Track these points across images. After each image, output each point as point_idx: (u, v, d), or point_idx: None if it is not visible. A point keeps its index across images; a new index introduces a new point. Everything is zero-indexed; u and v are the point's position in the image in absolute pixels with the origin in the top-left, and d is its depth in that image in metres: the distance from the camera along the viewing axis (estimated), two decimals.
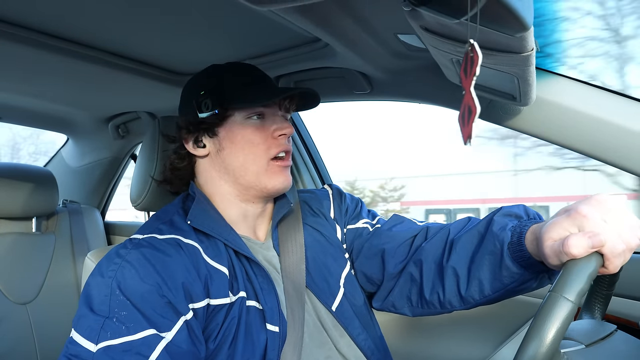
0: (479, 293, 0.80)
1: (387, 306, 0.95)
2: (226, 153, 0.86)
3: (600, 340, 0.64)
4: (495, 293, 0.78)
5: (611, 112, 0.87)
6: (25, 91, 1.48)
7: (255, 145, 0.85)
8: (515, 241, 0.73)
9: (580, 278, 0.54)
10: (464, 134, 0.48)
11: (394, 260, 0.91)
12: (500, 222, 0.78)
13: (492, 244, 0.77)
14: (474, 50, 0.46)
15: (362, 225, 1.00)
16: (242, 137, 0.85)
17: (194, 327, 0.71)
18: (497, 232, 0.76)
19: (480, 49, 0.46)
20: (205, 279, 0.75)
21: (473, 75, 0.46)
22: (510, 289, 0.77)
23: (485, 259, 0.78)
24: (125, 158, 2.11)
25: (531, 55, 0.61)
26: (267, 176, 0.85)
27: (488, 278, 0.78)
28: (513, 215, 0.79)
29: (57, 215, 1.80)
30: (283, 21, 0.90)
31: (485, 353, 1.31)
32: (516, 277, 0.75)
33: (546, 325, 0.51)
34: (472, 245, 0.81)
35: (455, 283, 0.82)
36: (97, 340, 0.65)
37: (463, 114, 0.48)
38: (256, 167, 0.85)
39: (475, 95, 0.46)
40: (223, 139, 0.86)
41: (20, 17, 0.98)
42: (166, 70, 1.33)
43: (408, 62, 1.06)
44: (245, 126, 0.85)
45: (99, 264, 0.74)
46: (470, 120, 0.46)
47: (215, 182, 0.88)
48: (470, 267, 0.80)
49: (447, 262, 0.83)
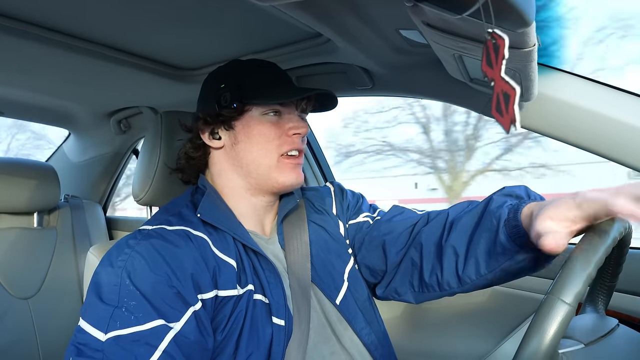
0: (475, 272, 0.80)
1: (390, 293, 0.95)
2: (241, 147, 0.87)
3: (600, 339, 0.64)
4: (491, 272, 0.78)
5: (613, 108, 0.87)
6: (27, 86, 1.48)
7: (269, 141, 0.86)
8: (511, 217, 0.73)
9: (578, 280, 0.53)
10: (504, 123, 0.47)
11: (395, 248, 0.92)
12: (498, 200, 0.78)
13: (489, 222, 0.77)
14: (495, 36, 0.46)
15: (362, 219, 1.01)
16: (257, 132, 0.86)
17: (202, 318, 0.71)
18: (494, 209, 0.77)
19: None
20: (214, 270, 0.76)
21: (501, 59, 0.45)
22: (505, 267, 0.77)
23: (482, 236, 0.78)
24: (127, 153, 2.11)
25: (533, 50, 0.61)
26: (278, 171, 0.86)
27: (484, 256, 0.78)
28: (514, 195, 0.79)
29: (59, 210, 1.81)
30: (285, 16, 0.90)
31: (487, 348, 1.32)
32: (510, 255, 0.74)
33: (543, 328, 0.51)
34: (470, 224, 0.82)
35: (454, 262, 0.82)
36: (107, 330, 0.65)
37: (498, 104, 0.47)
38: (267, 161, 0.86)
39: (508, 78, 0.45)
40: (239, 132, 0.87)
41: (22, 12, 0.98)
42: (168, 65, 1.33)
43: (410, 57, 1.06)
44: (262, 122, 0.86)
45: (108, 253, 0.74)
46: (509, 105, 0.45)
47: (227, 174, 0.89)
48: (468, 246, 0.81)
49: (446, 242, 0.84)
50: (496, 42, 0.46)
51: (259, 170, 0.86)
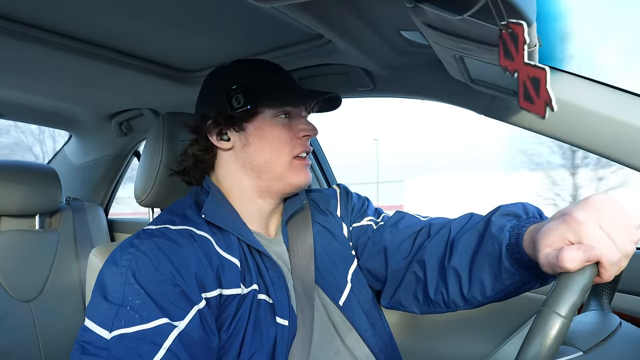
0: (480, 294, 0.80)
1: (395, 304, 0.95)
2: (252, 149, 0.87)
3: (601, 343, 0.63)
4: (497, 294, 0.78)
5: (615, 109, 0.86)
6: (27, 88, 1.48)
7: (282, 143, 0.86)
8: (513, 243, 0.72)
9: (573, 292, 0.52)
10: (538, 109, 0.46)
11: (397, 257, 0.91)
12: (498, 222, 0.77)
13: (491, 246, 0.76)
14: (511, 25, 0.45)
15: (366, 222, 1.01)
16: (270, 134, 0.86)
17: (206, 317, 0.71)
18: (495, 233, 0.76)
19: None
20: (217, 269, 0.76)
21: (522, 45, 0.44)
22: (512, 289, 0.76)
23: (485, 260, 0.77)
24: (128, 155, 2.11)
25: (534, 51, 0.61)
26: (291, 173, 0.87)
27: (489, 279, 0.77)
28: (512, 214, 0.78)
29: (61, 212, 1.81)
30: (286, 18, 0.90)
31: (489, 349, 1.31)
32: (516, 279, 0.74)
33: (537, 343, 0.50)
34: (471, 245, 0.81)
35: (457, 284, 0.82)
36: (111, 328, 0.65)
37: (526, 92, 0.46)
38: (281, 164, 0.87)
39: (533, 62, 0.44)
40: (250, 134, 0.87)
41: (22, 14, 0.98)
42: (169, 67, 1.34)
43: (411, 58, 1.06)
44: (274, 124, 0.87)
45: (112, 253, 0.75)
46: (541, 88, 0.44)
47: (236, 175, 0.89)
48: (471, 269, 0.80)
49: (448, 263, 0.83)
50: (513, 31, 0.45)
51: (272, 172, 0.87)
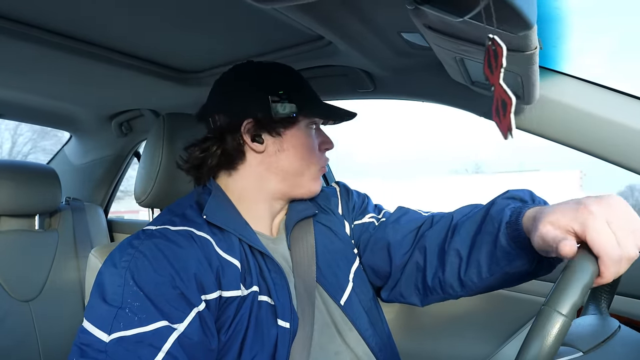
0: (477, 275, 0.79)
1: (396, 296, 0.94)
2: (285, 155, 0.87)
3: (600, 344, 0.63)
4: (492, 275, 0.77)
5: (615, 111, 0.86)
6: (27, 88, 1.49)
7: (311, 153, 0.89)
8: (513, 221, 0.72)
9: (574, 291, 0.51)
10: (502, 128, 0.47)
11: (400, 251, 0.91)
12: (501, 203, 0.77)
13: (491, 225, 0.76)
14: (495, 43, 0.46)
15: (368, 220, 1.01)
16: (302, 143, 0.88)
17: (206, 319, 0.71)
18: (496, 212, 0.76)
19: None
20: (217, 270, 0.75)
21: (500, 67, 0.45)
22: (507, 271, 0.76)
23: (484, 240, 0.77)
24: (128, 155, 2.12)
25: (535, 53, 0.61)
26: (314, 182, 0.92)
27: (485, 259, 0.77)
28: (517, 198, 0.78)
29: (60, 212, 1.81)
30: (286, 19, 0.90)
31: (489, 350, 1.32)
32: (510, 258, 0.73)
33: (538, 342, 0.50)
34: (473, 227, 0.81)
35: (457, 265, 0.82)
36: (110, 331, 0.65)
37: (497, 109, 0.47)
38: (310, 173, 0.90)
39: (505, 86, 0.45)
40: (286, 141, 0.87)
41: (23, 14, 0.98)
42: (170, 68, 1.34)
43: (411, 60, 1.06)
44: (307, 134, 0.89)
45: (111, 253, 0.74)
46: (507, 112, 0.45)
47: (258, 177, 0.88)
48: (471, 249, 0.80)
49: (449, 245, 0.83)
50: (495, 49, 0.46)
51: (299, 179, 0.89)
